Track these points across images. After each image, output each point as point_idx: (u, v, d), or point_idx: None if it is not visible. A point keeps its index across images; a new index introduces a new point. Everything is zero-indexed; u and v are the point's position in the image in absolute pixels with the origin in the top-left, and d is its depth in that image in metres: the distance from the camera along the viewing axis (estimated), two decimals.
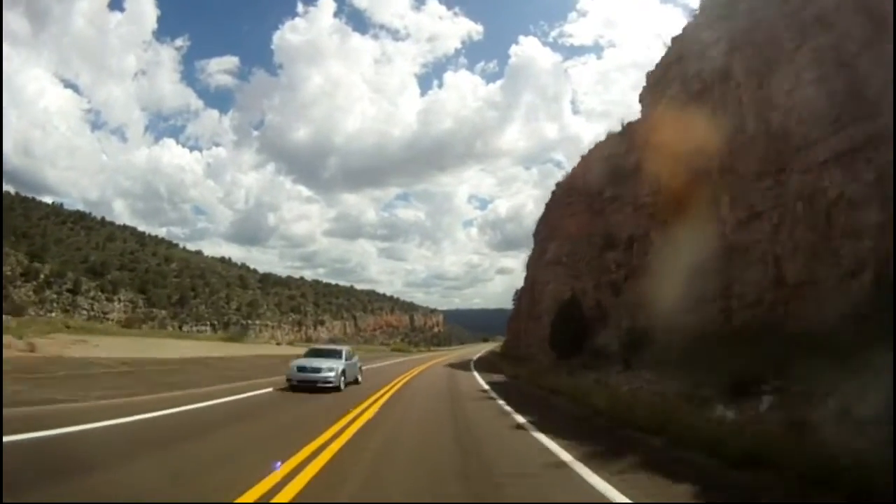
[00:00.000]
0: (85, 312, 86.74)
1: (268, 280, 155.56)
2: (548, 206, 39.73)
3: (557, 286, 31.41)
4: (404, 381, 24.00)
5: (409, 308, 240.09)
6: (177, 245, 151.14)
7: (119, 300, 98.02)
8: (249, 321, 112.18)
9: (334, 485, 6.34)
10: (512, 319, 68.91)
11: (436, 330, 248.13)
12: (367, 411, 13.02)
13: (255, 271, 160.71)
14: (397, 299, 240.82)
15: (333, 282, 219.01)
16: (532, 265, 40.55)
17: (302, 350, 25.27)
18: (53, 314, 75.93)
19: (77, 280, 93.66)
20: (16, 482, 5.37)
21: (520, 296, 61.44)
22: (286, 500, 5.59)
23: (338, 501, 5.80)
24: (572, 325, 27.99)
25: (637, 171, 25.18)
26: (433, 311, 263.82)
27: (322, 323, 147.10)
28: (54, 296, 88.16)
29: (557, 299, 30.97)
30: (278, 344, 55.58)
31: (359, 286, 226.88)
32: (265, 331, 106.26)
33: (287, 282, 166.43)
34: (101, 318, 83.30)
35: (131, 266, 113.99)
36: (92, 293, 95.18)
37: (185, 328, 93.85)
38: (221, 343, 41.87)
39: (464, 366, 41.56)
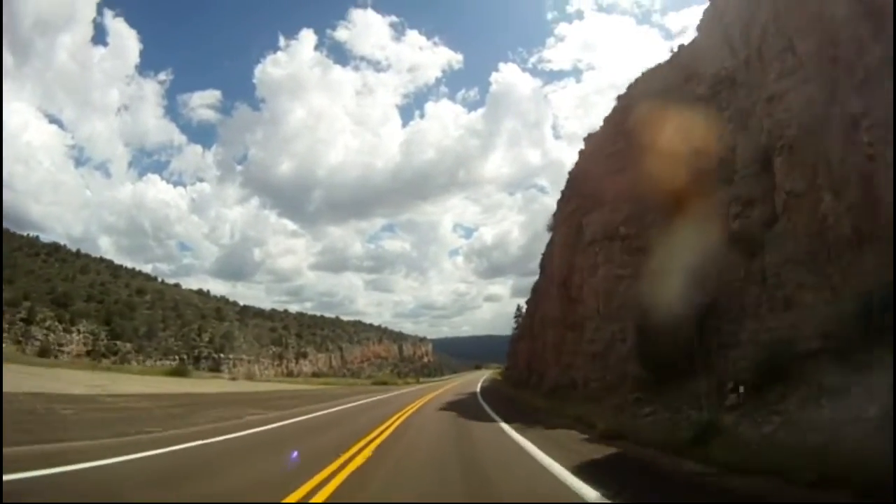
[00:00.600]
0: (39, 343, 76.43)
1: (247, 312, 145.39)
2: (576, 171, 30.97)
3: (612, 271, 22.12)
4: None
5: (398, 338, 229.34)
6: (155, 278, 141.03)
7: (79, 332, 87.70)
8: (222, 354, 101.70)
9: None
10: (516, 340, 62.02)
11: (425, 360, 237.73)
12: None
13: (234, 303, 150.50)
14: (385, 329, 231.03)
15: (318, 313, 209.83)
16: (555, 256, 31.35)
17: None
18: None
19: (32, 309, 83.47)
20: None
21: (528, 308, 52.85)
22: None
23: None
24: (679, 332, 15.40)
25: None
26: (422, 339, 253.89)
27: (304, 356, 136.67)
28: (7, 325, 77.80)
29: (615, 291, 21.89)
30: (233, 379, 45.63)
31: (345, 318, 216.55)
32: (241, 365, 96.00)
33: (269, 314, 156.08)
34: (55, 350, 72.95)
35: (100, 297, 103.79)
36: (48, 323, 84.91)
37: (149, 362, 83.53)
38: (159, 378, 32.58)
39: (470, 407, 25.95)
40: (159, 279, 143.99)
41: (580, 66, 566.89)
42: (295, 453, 9.40)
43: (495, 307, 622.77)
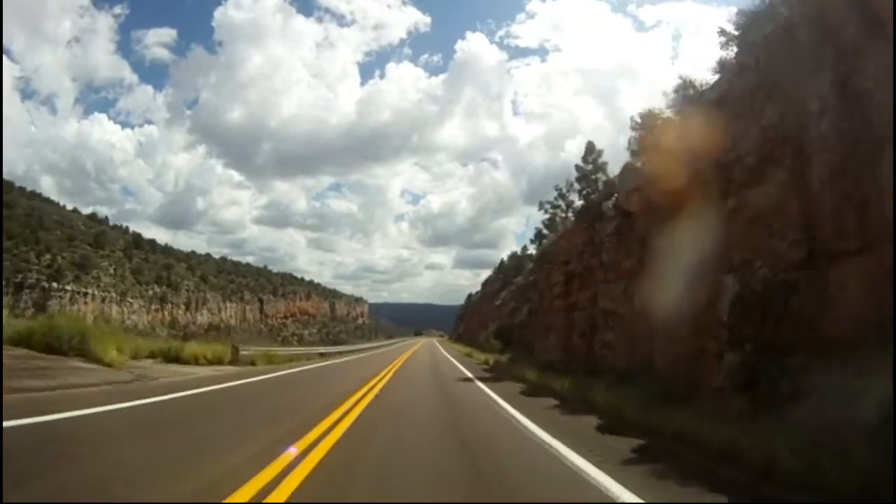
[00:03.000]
0: None
1: (139, 245, 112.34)
2: None
3: None
4: None
5: (330, 295, 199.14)
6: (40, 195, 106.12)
7: None
8: (57, 284, 69.76)
9: None
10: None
11: (360, 321, 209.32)
12: None
13: (125, 230, 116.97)
14: (318, 285, 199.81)
15: (244, 260, 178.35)
16: None
17: None
18: None
19: None
20: None
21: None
22: None
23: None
24: None
25: None
26: (357, 299, 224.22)
27: (203, 303, 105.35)
28: None
29: None
30: None
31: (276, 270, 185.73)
32: (87, 301, 64.98)
33: (170, 251, 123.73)
34: None
35: None
36: None
37: None
38: None
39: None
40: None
41: (547, 45, 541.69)
42: None
43: (436, 276, 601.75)
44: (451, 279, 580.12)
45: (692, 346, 10.36)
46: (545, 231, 39.67)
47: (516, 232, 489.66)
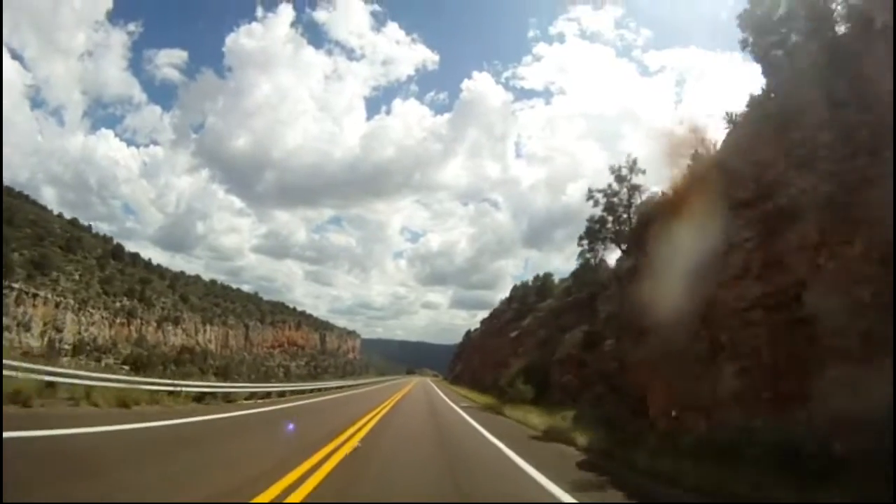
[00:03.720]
0: None
1: (118, 255, 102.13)
2: None
3: None
4: None
5: (321, 326, 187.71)
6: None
7: None
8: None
9: None
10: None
11: (351, 356, 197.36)
12: None
13: (104, 238, 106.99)
14: (309, 315, 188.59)
15: (235, 285, 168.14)
16: None
17: None
18: None
19: None
20: None
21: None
22: None
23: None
24: None
25: None
26: (350, 332, 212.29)
27: (176, 322, 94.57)
28: None
29: None
30: None
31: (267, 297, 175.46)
32: (42, 305, 54.87)
33: (154, 267, 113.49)
34: None
35: None
36: None
37: None
38: None
39: None
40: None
41: (552, 88, 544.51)
42: None
43: (432, 315, 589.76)
44: (446, 319, 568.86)
45: None
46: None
47: (514, 274, 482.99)
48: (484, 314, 72.73)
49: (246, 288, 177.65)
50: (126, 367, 67.80)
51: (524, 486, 7.34)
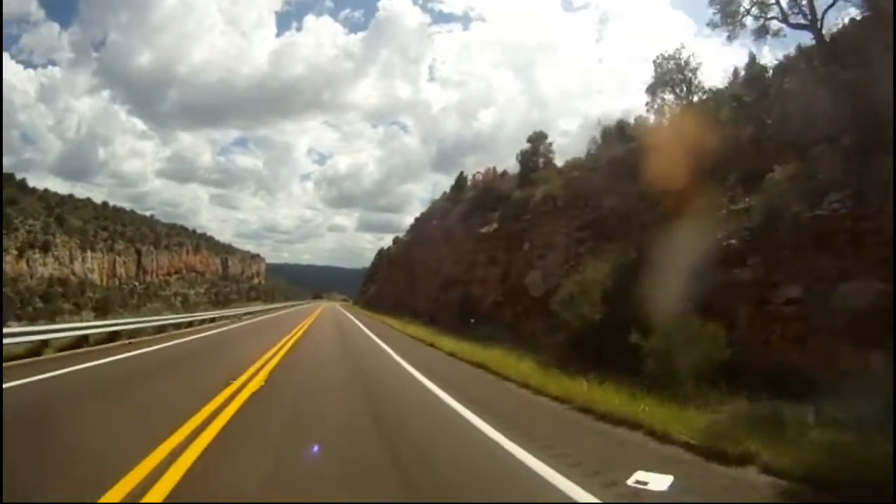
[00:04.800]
0: None
1: None
2: None
3: None
4: None
5: (223, 250, 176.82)
6: None
7: None
8: None
9: None
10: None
11: (255, 281, 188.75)
12: None
13: None
14: (210, 238, 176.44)
15: (127, 206, 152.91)
16: None
17: None
18: None
19: None
20: None
21: None
22: None
23: None
24: None
25: None
26: (254, 256, 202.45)
27: (45, 248, 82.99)
28: None
29: None
30: None
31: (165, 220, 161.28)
32: None
33: (28, 189, 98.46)
34: None
35: None
36: None
37: None
38: None
39: None
40: None
41: (471, 14, 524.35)
42: None
43: (338, 238, 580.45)
44: (353, 242, 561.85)
45: None
46: None
47: (422, 198, 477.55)
48: (391, 237, 65.40)
49: (151, 214, 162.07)
50: None
51: None
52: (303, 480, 4.68)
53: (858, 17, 12.33)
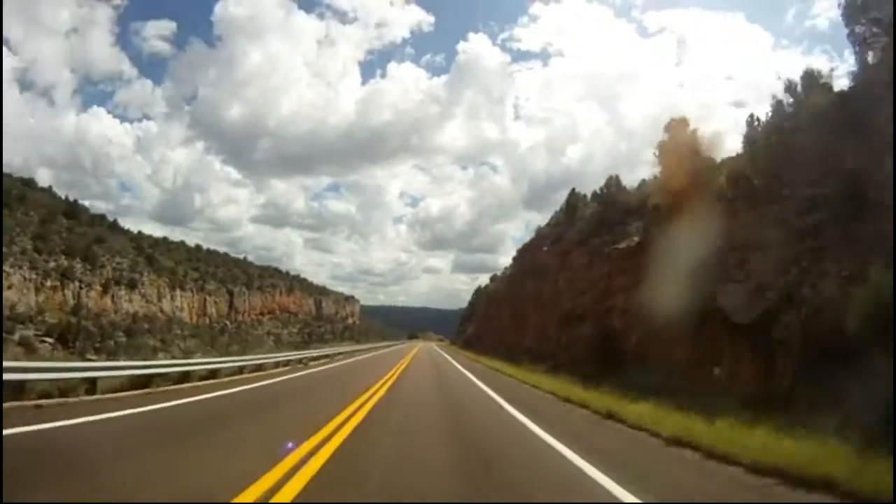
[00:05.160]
0: None
1: (74, 214, 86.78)
2: None
3: None
4: None
5: (318, 292, 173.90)
6: None
7: None
8: None
9: None
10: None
11: (350, 321, 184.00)
12: None
13: (64, 199, 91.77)
14: (304, 280, 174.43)
15: (223, 250, 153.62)
16: None
17: None
18: None
19: None
20: None
21: None
22: None
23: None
24: None
25: None
26: (348, 298, 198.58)
27: (131, 285, 79.51)
28: None
29: None
30: None
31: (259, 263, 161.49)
32: None
33: (119, 229, 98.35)
34: None
35: None
36: None
37: None
38: None
39: None
40: None
41: (549, 49, 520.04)
42: None
43: (433, 280, 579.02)
44: (448, 283, 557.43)
45: None
46: None
47: (515, 237, 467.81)
48: (486, 276, 57.11)
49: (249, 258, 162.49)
50: (50, 340, 54.03)
51: None
52: None
53: None
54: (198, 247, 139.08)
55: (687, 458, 7.24)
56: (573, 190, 44.45)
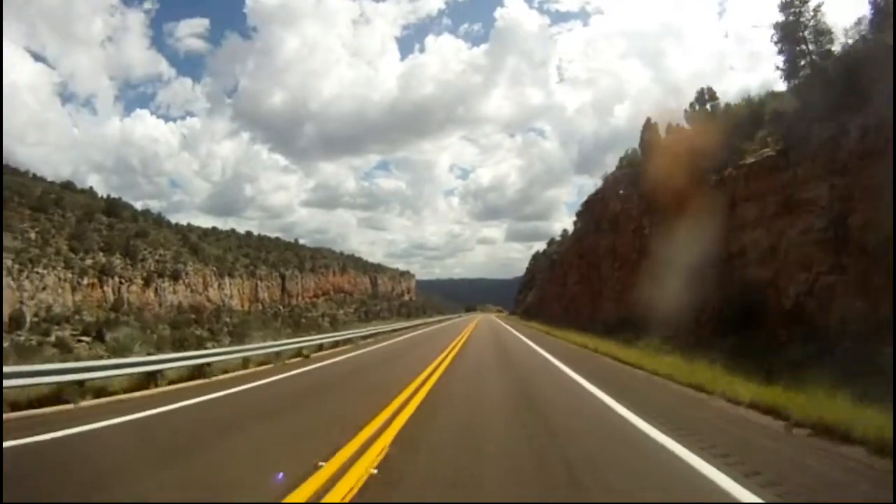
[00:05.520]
0: None
1: (114, 212, 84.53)
2: None
3: None
4: None
5: (372, 269, 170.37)
6: None
7: None
8: None
9: None
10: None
11: (406, 297, 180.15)
12: None
13: (103, 197, 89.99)
14: (358, 258, 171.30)
15: (273, 235, 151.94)
16: None
17: None
18: None
19: None
20: None
21: None
22: None
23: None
24: None
25: None
26: (404, 273, 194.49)
27: (175, 277, 76.45)
28: None
29: None
30: None
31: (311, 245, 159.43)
32: None
33: (163, 222, 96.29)
34: None
35: None
36: None
37: None
38: None
39: None
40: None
41: (588, 8, 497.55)
42: None
43: (488, 250, 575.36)
44: (503, 253, 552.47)
45: None
46: None
47: (568, 202, 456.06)
48: (541, 244, 50.43)
49: (302, 242, 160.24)
50: (87, 339, 50.96)
51: None
52: None
53: None
54: (248, 233, 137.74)
55: None
56: (648, 120, 36.59)
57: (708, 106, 28.70)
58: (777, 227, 15.85)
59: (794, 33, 19.00)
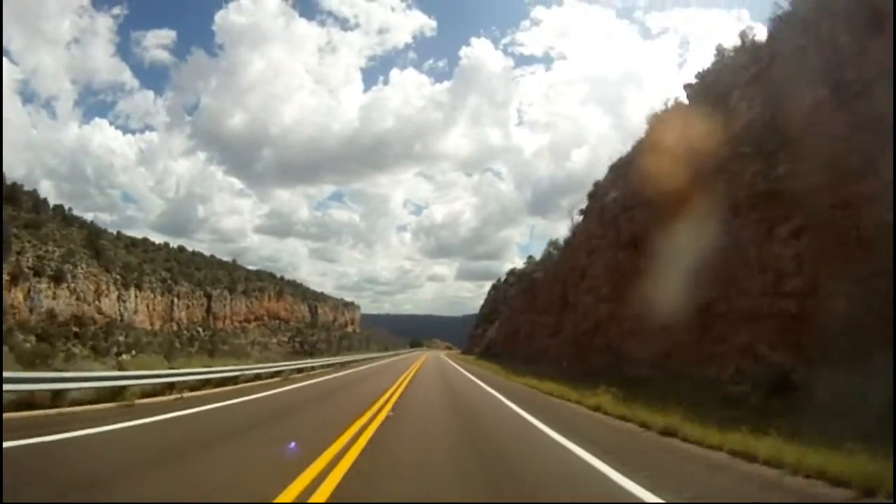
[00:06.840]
0: None
1: (15, 200, 72.21)
2: None
3: None
4: None
5: (312, 297, 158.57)
6: None
7: None
8: None
9: None
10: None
11: (349, 329, 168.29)
12: None
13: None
14: (298, 284, 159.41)
15: (209, 253, 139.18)
16: None
17: None
18: None
19: None
20: None
21: None
22: None
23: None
24: None
25: None
26: (348, 304, 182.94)
27: (57, 279, 64.18)
28: None
29: None
30: None
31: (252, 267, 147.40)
32: None
33: (94, 228, 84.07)
34: None
35: None
36: None
37: None
38: None
39: None
40: None
41: (552, 53, 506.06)
42: None
43: (438, 288, 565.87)
44: (453, 291, 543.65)
45: None
46: None
47: (520, 243, 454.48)
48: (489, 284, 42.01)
49: (252, 269, 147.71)
50: None
51: None
52: None
53: None
54: (181, 248, 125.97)
55: None
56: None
57: None
58: None
59: None
